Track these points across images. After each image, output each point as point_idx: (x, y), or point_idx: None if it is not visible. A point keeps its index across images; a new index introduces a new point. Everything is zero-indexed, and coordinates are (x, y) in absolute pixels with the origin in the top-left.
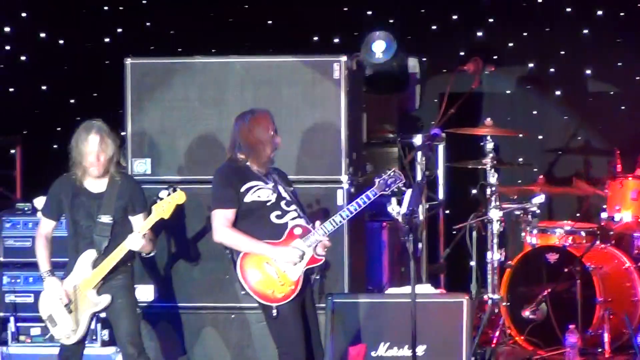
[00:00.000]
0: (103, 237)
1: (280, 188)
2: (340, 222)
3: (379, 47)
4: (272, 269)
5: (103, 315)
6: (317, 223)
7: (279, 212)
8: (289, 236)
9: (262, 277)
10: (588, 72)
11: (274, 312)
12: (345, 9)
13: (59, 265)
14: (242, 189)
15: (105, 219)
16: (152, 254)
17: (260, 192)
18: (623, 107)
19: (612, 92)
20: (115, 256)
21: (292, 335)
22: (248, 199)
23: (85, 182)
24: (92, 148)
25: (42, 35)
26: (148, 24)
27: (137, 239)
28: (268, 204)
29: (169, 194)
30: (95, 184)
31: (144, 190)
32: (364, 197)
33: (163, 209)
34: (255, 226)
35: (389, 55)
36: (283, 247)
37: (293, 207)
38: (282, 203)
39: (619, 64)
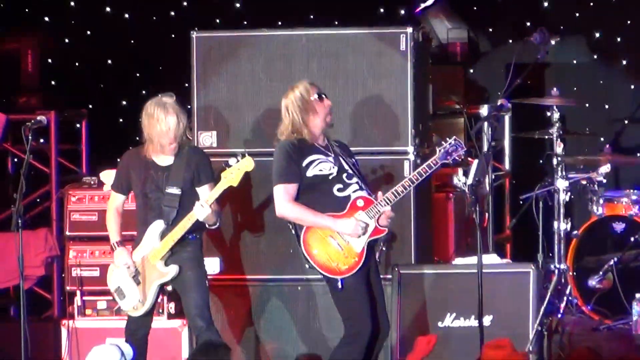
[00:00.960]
0: (171, 208)
1: (342, 160)
2: (402, 192)
3: None
4: (335, 242)
5: (170, 288)
6: (379, 194)
7: (340, 185)
8: (352, 208)
9: (326, 250)
10: None
11: (339, 284)
12: None
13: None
14: (304, 163)
15: (173, 190)
16: (216, 226)
17: (321, 166)
18: None
19: None
20: (183, 226)
21: (358, 308)
22: (310, 173)
23: (154, 156)
24: (169, 128)
25: (107, 9)
26: None
27: (204, 208)
28: (330, 177)
29: (237, 161)
30: (164, 157)
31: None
32: (426, 166)
33: (232, 176)
34: (318, 200)
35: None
36: (346, 220)
37: (355, 179)
38: (344, 176)
39: None
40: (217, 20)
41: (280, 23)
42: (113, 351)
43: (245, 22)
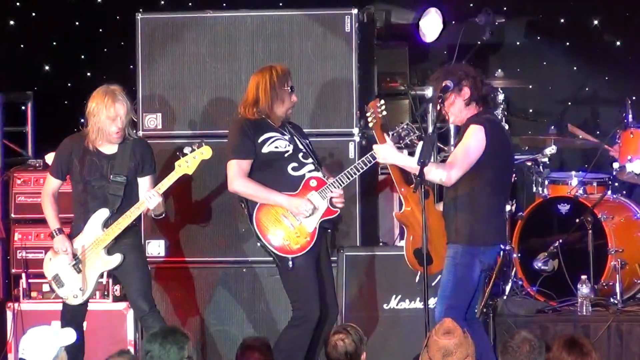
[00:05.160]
0: (116, 197)
1: (297, 140)
2: (355, 174)
3: None
4: (287, 221)
5: (112, 272)
6: (331, 179)
7: (295, 164)
8: (305, 188)
9: (278, 228)
10: (596, 22)
11: (290, 264)
12: None
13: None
14: (260, 140)
15: (119, 178)
16: (162, 215)
17: (277, 143)
18: (630, 57)
19: (619, 43)
20: (130, 214)
21: (307, 290)
22: (266, 149)
23: (98, 143)
24: (118, 116)
25: None
26: None
27: (155, 197)
28: (285, 155)
29: (192, 150)
30: (108, 146)
31: (154, 146)
32: (367, 158)
33: (187, 164)
34: (272, 177)
35: None
36: (297, 198)
37: (310, 159)
38: (300, 155)
39: (627, 14)
40: (162, 2)
41: (224, 5)
42: (48, 331)
43: (190, 4)
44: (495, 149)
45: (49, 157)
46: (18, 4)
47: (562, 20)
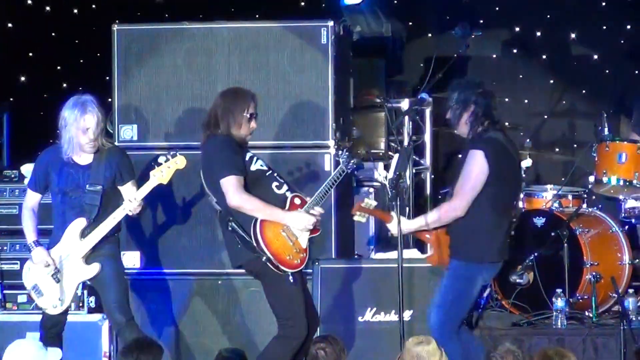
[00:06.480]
0: (93, 206)
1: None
2: (329, 190)
3: None
4: (287, 236)
5: (89, 282)
6: (309, 198)
7: (277, 183)
8: (292, 206)
9: (280, 243)
10: (573, 36)
11: (290, 278)
12: None
13: (47, 232)
14: (247, 158)
15: (95, 187)
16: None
17: (260, 162)
18: (607, 71)
19: (596, 56)
20: (108, 223)
21: (300, 305)
22: (253, 167)
23: (73, 154)
24: (88, 127)
25: (29, 1)
26: None
27: (134, 205)
28: (267, 174)
29: (167, 159)
30: (84, 156)
31: (130, 157)
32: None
33: (162, 174)
34: (262, 196)
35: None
36: (297, 213)
37: (282, 180)
38: (276, 175)
39: (604, 27)
40: (138, 13)
41: (201, 16)
42: (32, 345)
43: (166, 15)
44: (497, 169)
45: (25, 168)
46: None
47: (539, 34)
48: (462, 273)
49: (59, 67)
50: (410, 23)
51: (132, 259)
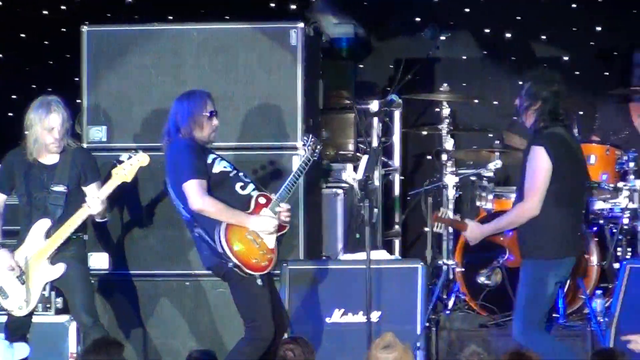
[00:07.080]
0: (57, 206)
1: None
2: (293, 184)
3: None
4: (252, 239)
5: (54, 283)
6: (274, 195)
7: (241, 183)
8: (257, 207)
9: (246, 247)
10: (543, 37)
11: (259, 281)
12: None
13: (14, 233)
14: (209, 160)
15: (59, 188)
16: (105, 220)
17: (223, 163)
18: (577, 73)
19: (566, 58)
20: (72, 223)
21: (267, 308)
22: (216, 169)
23: (38, 155)
24: (53, 128)
25: None
26: None
27: (97, 204)
28: (231, 175)
29: (129, 157)
30: (49, 156)
31: (99, 158)
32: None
33: (125, 172)
34: (225, 198)
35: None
36: (260, 217)
37: (248, 179)
38: (241, 175)
39: (574, 29)
40: (108, 15)
41: (171, 18)
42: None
43: (136, 17)
44: (558, 164)
45: None
46: None
47: (509, 35)
48: (531, 274)
49: (27, 69)
50: (380, 25)
51: (100, 261)
